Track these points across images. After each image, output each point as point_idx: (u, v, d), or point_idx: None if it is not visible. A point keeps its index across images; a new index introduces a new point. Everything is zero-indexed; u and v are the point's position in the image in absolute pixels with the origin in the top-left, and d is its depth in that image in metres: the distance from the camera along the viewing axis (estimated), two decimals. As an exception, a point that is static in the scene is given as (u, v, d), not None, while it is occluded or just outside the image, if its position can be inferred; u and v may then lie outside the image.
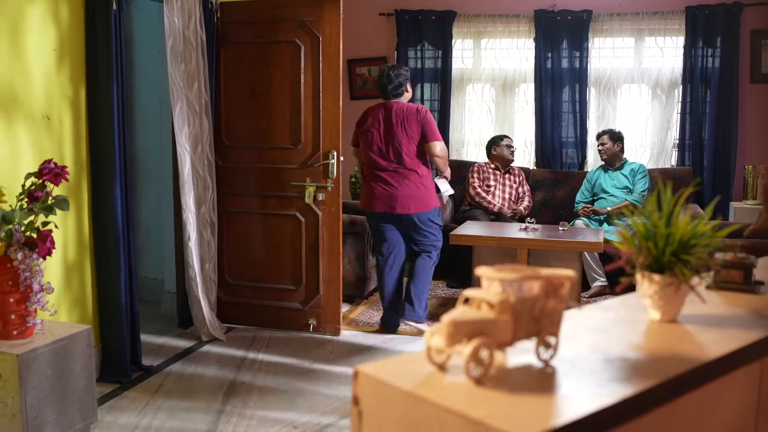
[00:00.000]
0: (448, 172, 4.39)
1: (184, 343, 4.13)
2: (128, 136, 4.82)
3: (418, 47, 6.17)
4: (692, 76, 5.67)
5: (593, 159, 5.99)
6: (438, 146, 4.13)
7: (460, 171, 5.88)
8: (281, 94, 4.19)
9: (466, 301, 1.07)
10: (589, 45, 5.86)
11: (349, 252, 4.83)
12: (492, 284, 1.05)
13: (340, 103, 4.11)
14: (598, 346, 1.17)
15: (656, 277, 1.26)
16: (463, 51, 6.20)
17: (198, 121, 4.06)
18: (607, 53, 5.92)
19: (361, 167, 4.35)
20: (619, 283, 1.29)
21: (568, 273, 1.07)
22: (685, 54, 5.68)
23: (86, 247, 3.50)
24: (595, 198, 5.57)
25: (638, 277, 1.29)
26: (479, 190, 5.58)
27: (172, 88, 3.84)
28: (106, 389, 3.44)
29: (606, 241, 4.37)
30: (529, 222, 4.81)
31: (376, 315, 4.69)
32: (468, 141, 6.28)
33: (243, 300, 4.40)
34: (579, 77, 5.89)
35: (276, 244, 4.31)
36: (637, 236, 1.26)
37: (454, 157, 6.24)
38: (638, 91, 5.93)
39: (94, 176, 3.49)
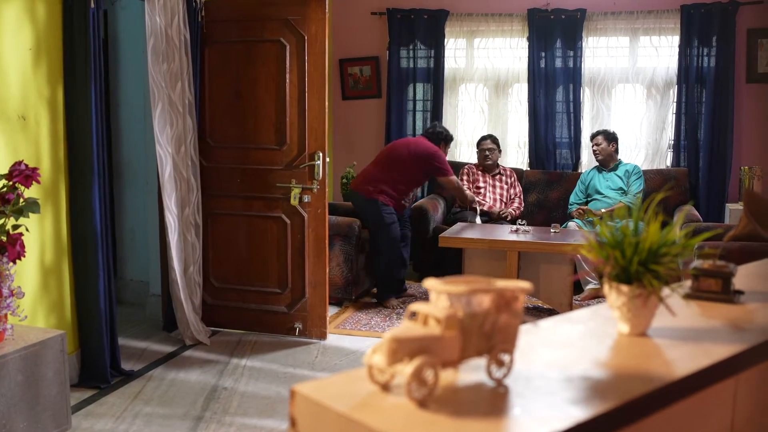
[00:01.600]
0: (470, 201, 5.16)
1: (167, 347, 4.06)
2: (109, 136, 4.80)
3: (411, 47, 6.09)
4: (687, 75, 5.59)
5: (587, 160, 5.92)
6: (445, 181, 4.97)
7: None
8: (266, 94, 4.12)
9: (414, 315, 1.00)
10: (583, 44, 5.78)
11: (338, 254, 4.75)
12: (440, 298, 0.97)
13: (326, 103, 4.04)
14: (559, 363, 1.09)
15: (624, 288, 1.18)
16: (455, 50, 6.13)
17: (181, 121, 3.99)
18: (602, 53, 5.85)
19: None
20: None
21: (523, 286, 1.00)
22: (680, 53, 5.60)
23: (64, 250, 3.43)
24: (589, 199, 5.49)
25: (606, 287, 1.22)
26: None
27: (152, 88, 3.77)
28: (84, 395, 3.38)
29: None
30: (520, 224, 4.74)
31: (364, 318, 4.62)
32: (461, 142, 6.20)
33: (228, 303, 4.32)
34: (573, 77, 5.81)
35: (261, 246, 4.23)
36: (605, 244, 1.18)
37: (447, 158, 6.15)
38: (633, 91, 5.85)
39: (72, 178, 3.42)
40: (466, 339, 0.96)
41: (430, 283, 0.98)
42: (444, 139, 5.06)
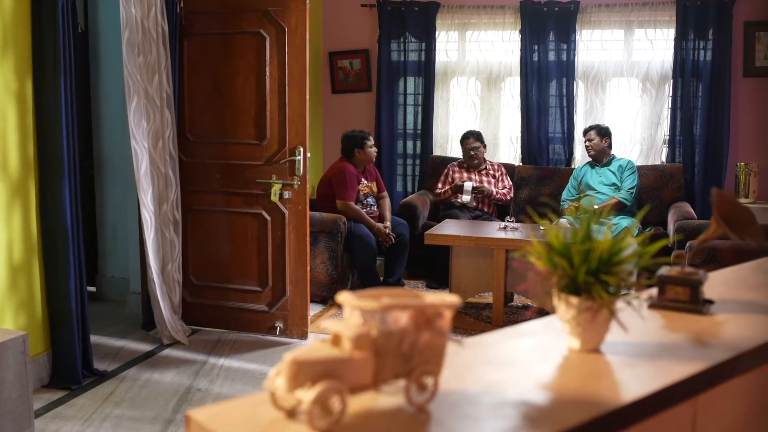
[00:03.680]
0: (376, 230, 4.89)
1: (144, 346, 3.97)
2: (89, 131, 4.71)
3: (401, 39, 5.97)
4: (683, 69, 5.45)
5: (581, 155, 5.79)
6: (338, 205, 4.85)
7: (443, 168, 5.70)
8: (246, 88, 4.01)
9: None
10: (577, 37, 5.64)
11: (322, 251, 4.65)
12: (353, 314, 0.87)
13: (307, 96, 3.93)
14: (497, 384, 0.99)
15: (573, 299, 1.08)
16: (447, 43, 6.00)
17: (159, 115, 3.88)
18: (596, 46, 5.71)
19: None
20: None
21: (449, 301, 0.89)
22: (675, 47, 5.46)
23: (34, 248, 3.34)
24: (581, 195, 5.37)
25: (555, 299, 1.11)
26: (437, 191, 5.55)
27: (127, 81, 3.67)
28: (54, 396, 3.29)
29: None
30: (508, 221, 4.64)
31: (348, 317, 4.52)
32: (452, 136, 6.07)
33: (208, 301, 4.23)
34: (566, 71, 5.68)
35: (241, 243, 4.13)
36: (552, 251, 1.08)
37: (438, 153, 6.06)
38: (627, 85, 5.72)
39: (41, 174, 3.33)
40: (380, 361, 0.85)
41: (344, 298, 0.88)
42: (357, 144, 4.97)
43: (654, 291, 1.37)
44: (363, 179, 5.01)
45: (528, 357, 1.11)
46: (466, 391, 0.95)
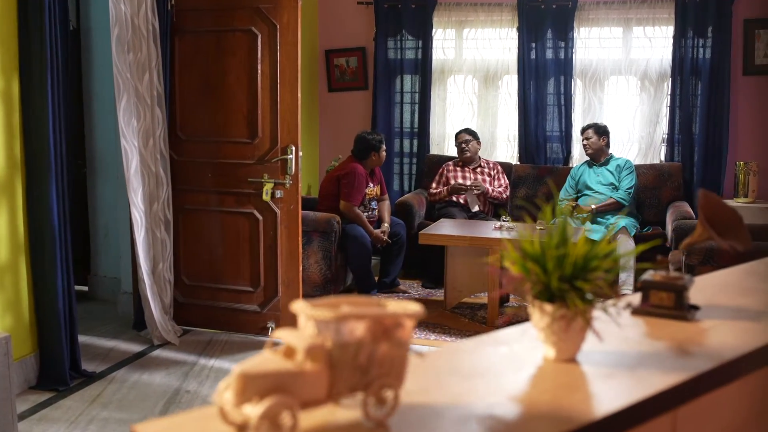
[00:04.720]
0: (375, 238, 4.87)
1: (134, 347, 3.93)
2: (81, 129, 4.67)
3: (398, 37, 5.92)
4: (682, 67, 5.39)
5: (578, 154, 5.74)
6: (341, 205, 4.81)
7: (439, 167, 5.65)
8: (238, 86, 3.97)
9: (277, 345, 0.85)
10: (575, 35, 5.59)
11: (316, 251, 4.61)
12: (308, 324, 0.82)
13: (299, 95, 3.88)
14: (465, 396, 0.94)
15: (548, 307, 1.03)
16: (444, 41, 5.94)
17: (149, 113, 3.84)
18: (594, 44, 5.65)
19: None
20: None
21: (410, 310, 0.85)
22: (674, 44, 5.40)
23: (21, 248, 3.30)
24: (579, 195, 5.33)
25: (529, 305, 1.06)
26: (432, 190, 5.48)
27: (117, 79, 3.63)
28: (41, 397, 3.25)
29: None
30: (504, 220, 4.59)
31: (342, 318, 4.48)
32: (449, 135, 6.02)
33: (200, 301, 4.19)
34: (564, 69, 5.63)
35: (233, 243, 4.09)
36: (525, 256, 1.03)
37: (434, 151, 6.01)
38: (626, 84, 5.66)
39: (28, 174, 3.29)
40: (335, 373, 0.81)
41: (298, 307, 0.83)
42: (372, 147, 4.91)
43: (637, 297, 1.33)
44: (370, 183, 4.96)
45: (500, 367, 1.06)
46: (430, 404, 0.91)
